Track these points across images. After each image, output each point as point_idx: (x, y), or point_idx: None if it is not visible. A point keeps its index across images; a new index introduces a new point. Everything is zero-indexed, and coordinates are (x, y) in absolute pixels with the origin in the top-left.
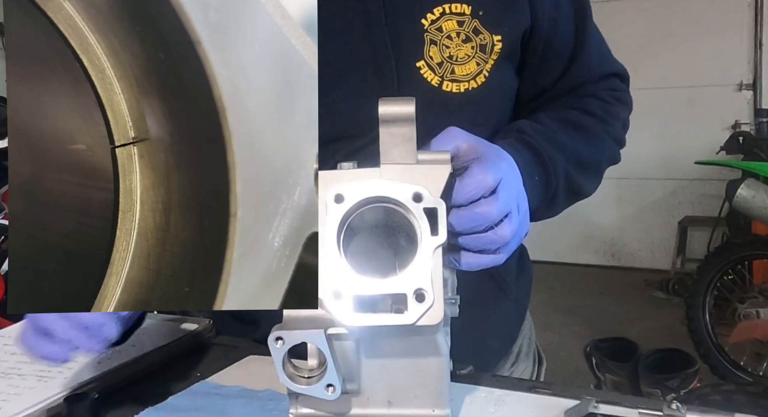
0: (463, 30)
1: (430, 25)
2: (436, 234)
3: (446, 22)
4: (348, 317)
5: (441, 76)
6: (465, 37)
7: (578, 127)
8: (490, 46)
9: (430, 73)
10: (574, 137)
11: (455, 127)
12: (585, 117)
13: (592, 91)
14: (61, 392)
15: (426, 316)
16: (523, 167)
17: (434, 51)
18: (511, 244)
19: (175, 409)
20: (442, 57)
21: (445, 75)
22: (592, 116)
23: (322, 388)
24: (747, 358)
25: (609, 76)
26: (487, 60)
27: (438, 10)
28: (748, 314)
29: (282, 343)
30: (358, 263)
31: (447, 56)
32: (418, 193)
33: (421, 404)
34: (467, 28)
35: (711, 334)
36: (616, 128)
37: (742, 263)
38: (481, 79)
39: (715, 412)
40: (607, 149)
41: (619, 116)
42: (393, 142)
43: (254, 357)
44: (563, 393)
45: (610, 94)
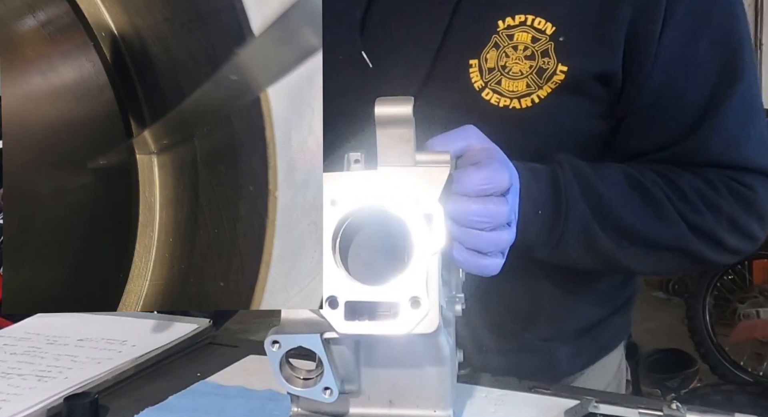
0: (532, 46)
1: (504, 29)
2: (433, 239)
3: (521, 33)
4: (341, 325)
5: (486, 82)
6: (530, 54)
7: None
8: (550, 73)
9: (477, 74)
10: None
11: (472, 126)
12: (659, 191)
13: (703, 173)
14: (61, 392)
15: (421, 324)
16: (532, 197)
17: (492, 55)
18: (505, 253)
19: (175, 409)
20: (496, 64)
21: (490, 83)
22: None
23: (320, 391)
24: (747, 358)
25: (739, 168)
26: (541, 86)
27: (519, 18)
28: (748, 314)
29: (278, 346)
30: (354, 268)
31: (501, 65)
32: (415, 196)
33: (422, 404)
34: (538, 46)
35: (711, 334)
36: (706, 220)
37: (742, 263)
38: (527, 103)
39: (715, 412)
40: (674, 235)
41: (720, 209)
42: (390, 143)
43: (254, 357)
44: (563, 393)
45: (724, 182)
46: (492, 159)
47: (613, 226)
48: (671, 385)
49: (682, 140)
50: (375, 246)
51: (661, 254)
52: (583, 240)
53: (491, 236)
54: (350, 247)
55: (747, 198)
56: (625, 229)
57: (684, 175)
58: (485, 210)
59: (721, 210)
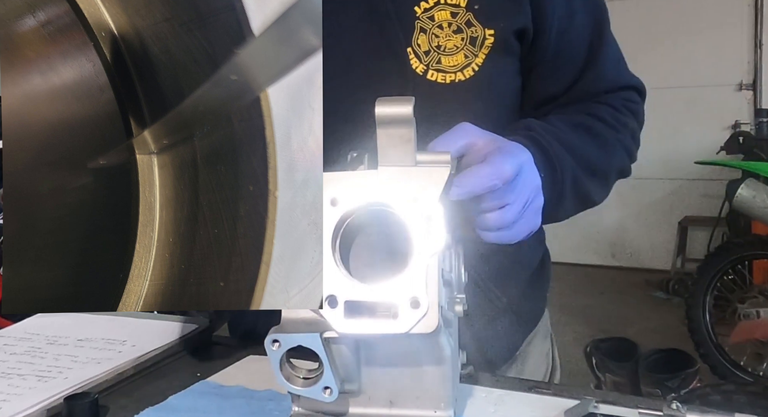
0: (455, 21)
1: (423, 13)
2: (433, 239)
3: (439, 12)
4: (341, 324)
5: (426, 65)
6: (456, 28)
7: (588, 131)
8: (481, 40)
9: (416, 60)
10: (584, 141)
11: (467, 123)
12: (596, 122)
13: (605, 100)
14: (61, 392)
15: (420, 324)
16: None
17: (423, 39)
18: (516, 231)
19: (175, 409)
20: (429, 46)
21: (431, 64)
22: (603, 122)
23: (319, 391)
24: (747, 358)
25: (625, 88)
26: (476, 53)
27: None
28: (748, 314)
29: (278, 345)
30: (354, 268)
31: (435, 46)
32: (414, 197)
33: (423, 405)
34: (460, 19)
35: (711, 334)
36: (626, 138)
37: (742, 263)
38: (470, 72)
39: (715, 412)
40: (617, 158)
41: (628, 126)
42: (391, 143)
43: (254, 357)
44: (563, 393)
45: (623, 104)
46: (496, 152)
47: (588, 167)
48: (671, 385)
49: (583, 75)
50: (375, 246)
51: (610, 178)
52: (574, 190)
53: (495, 216)
54: (350, 247)
55: (636, 110)
56: (594, 166)
57: (601, 108)
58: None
59: (628, 126)
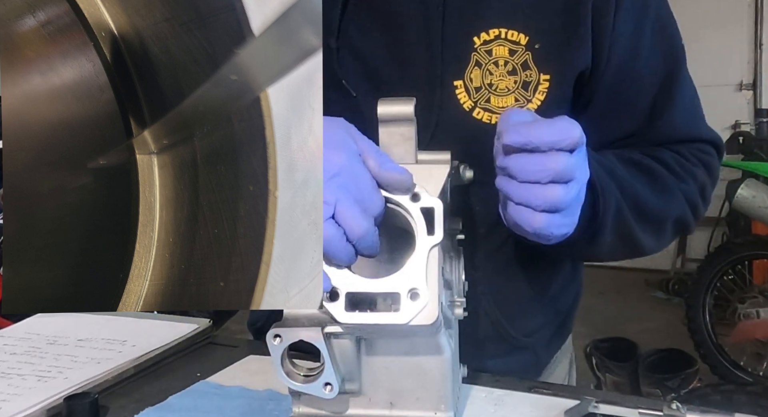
0: (512, 60)
1: (481, 46)
2: (433, 234)
3: (498, 47)
4: (342, 315)
5: (475, 102)
6: (511, 69)
7: (646, 171)
8: (535, 85)
9: (465, 95)
10: (638, 179)
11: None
12: (655, 164)
13: (672, 148)
14: (61, 392)
15: (420, 315)
16: None
17: (476, 74)
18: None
19: (175, 409)
20: (482, 82)
21: (480, 102)
22: (664, 166)
23: (320, 387)
24: (747, 358)
25: (698, 141)
26: (530, 99)
27: (494, 32)
28: (748, 314)
29: (280, 340)
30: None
31: (487, 83)
32: (415, 192)
33: (423, 406)
34: (517, 58)
35: (711, 334)
36: (691, 189)
37: (742, 263)
38: None
39: (715, 412)
40: (676, 207)
41: (696, 177)
42: (392, 141)
43: (254, 357)
44: (563, 393)
45: (693, 153)
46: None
47: (637, 207)
48: (671, 385)
49: (648, 124)
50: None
51: (665, 227)
52: (616, 226)
53: (540, 189)
54: None
55: (709, 163)
56: (645, 208)
57: (665, 153)
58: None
59: (697, 177)
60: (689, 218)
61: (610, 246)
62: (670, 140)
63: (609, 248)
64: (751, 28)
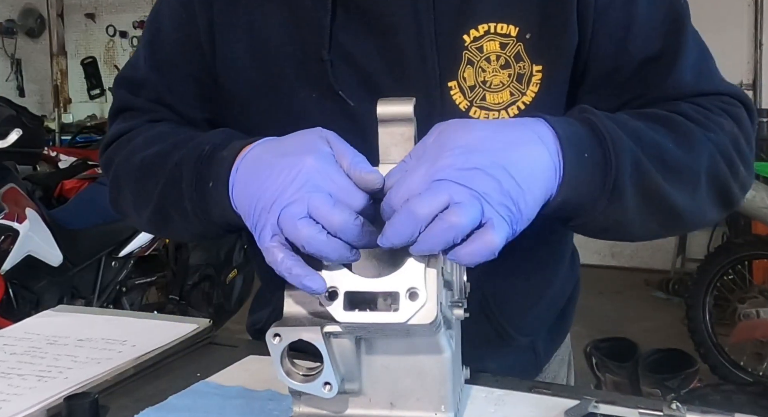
0: (504, 54)
1: (471, 43)
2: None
3: (488, 43)
4: (340, 314)
5: (470, 101)
6: (504, 63)
7: (663, 121)
8: (528, 76)
9: (459, 95)
10: (656, 130)
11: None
12: (674, 115)
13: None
14: (61, 392)
15: (418, 315)
16: (573, 141)
17: (469, 72)
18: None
19: (175, 409)
20: (475, 80)
21: (475, 100)
22: (683, 115)
23: (319, 386)
24: (747, 358)
25: (715, 94)
26: (524, 91)
27: (483, 28)
28: (748, 314)
29: (280, 339)
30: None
31: (481, 81)
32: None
33: (423, 406)
34: (509, 51)
35: (711, 334)
36: (720, 139)
37: (742, 263)
38: (514, 111)
39: (715, 412)
40: (705, 157)
41: (723, 127)
42: (392, 141)
43: (254, 357)
44: (563, 393)
45: (716, 105)
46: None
47: (660, 159)
48: (671, 385)
49: (657, 84)
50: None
51: (698, 181)
52: (638, 181)
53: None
54: None
55: (738, 116)
56: (670, 160)
57: (683, 105)
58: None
59: (723, 128)
60: (725, 173)
61: (639, 210)
62: (683, 96)
63: (638, 213)
64: (751, 28)
